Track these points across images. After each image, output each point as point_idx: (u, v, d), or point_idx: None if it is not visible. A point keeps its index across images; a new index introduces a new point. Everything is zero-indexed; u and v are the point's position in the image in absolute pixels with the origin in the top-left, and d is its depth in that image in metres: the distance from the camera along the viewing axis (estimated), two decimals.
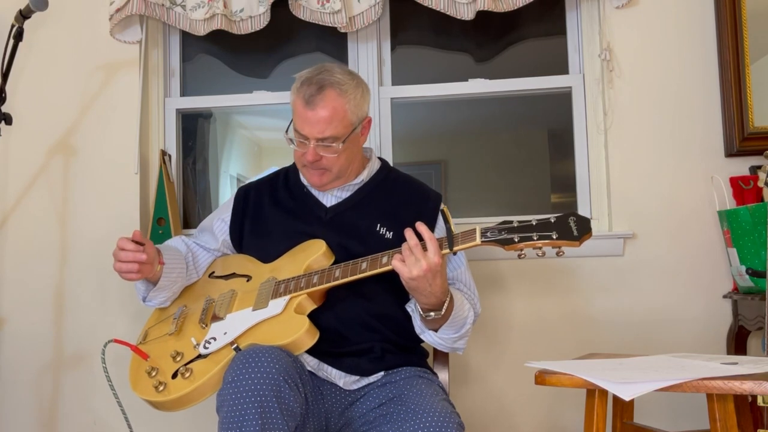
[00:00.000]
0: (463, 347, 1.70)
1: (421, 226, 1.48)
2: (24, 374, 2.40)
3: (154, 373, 1.63)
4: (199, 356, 1.60)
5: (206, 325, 1.67)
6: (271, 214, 1.80)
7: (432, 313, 1.55)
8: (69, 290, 2.41)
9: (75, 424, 2.38)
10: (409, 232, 1.48)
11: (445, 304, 1.54)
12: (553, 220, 1.44)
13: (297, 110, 1.66)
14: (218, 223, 1.87)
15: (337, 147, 1.65)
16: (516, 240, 1.44)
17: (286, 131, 1.72)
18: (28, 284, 2.41)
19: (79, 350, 2.39)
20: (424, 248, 1.46)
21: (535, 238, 1.43)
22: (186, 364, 1.60)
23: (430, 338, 1.65)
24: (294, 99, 1.68)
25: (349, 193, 1.77)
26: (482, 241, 1.45)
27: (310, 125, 1.63)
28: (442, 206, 1.53)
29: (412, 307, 1.67)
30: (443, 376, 1.86)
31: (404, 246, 1.48)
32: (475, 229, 1.47)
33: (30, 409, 2.39)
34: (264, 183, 1.89)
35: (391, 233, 1.69)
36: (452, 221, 1.50)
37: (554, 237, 1.42)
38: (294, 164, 1.82)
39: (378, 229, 1.70)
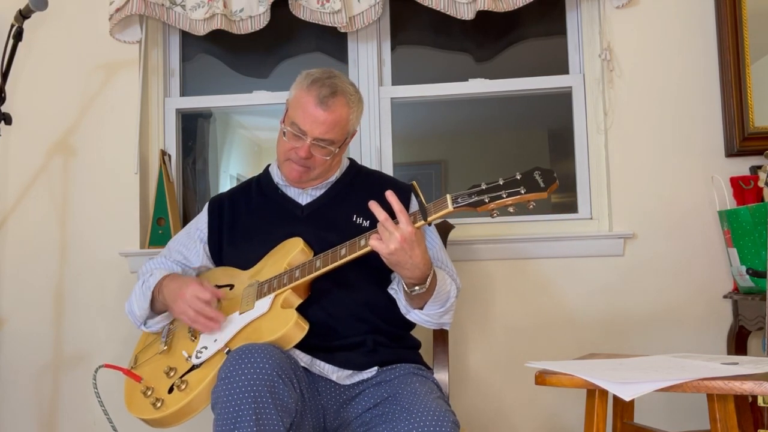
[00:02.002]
0: (450, 322, 1.72)
1: (391, 197, 1.50)
2: (24, 374, 2.40)
3: (149, 393, 1.63)
4: (193, 367, 1.61)
5: (195, 338, 1.67)
6: (248, 221, 1.82)
7: (417, 288, 1.56)
8: (69, 290, 2.41)
9: (75, 424, 2.38)
10: (374, 206, 1.49)
11: (429, 278, 1.55)
12: (519, 177, 1.46)
13: (304, 106, 1.68)
14: (196, 243, 1.86)
15: (333, 150, 1.71)
16: (487, 200, 1.45)
17: (282, 121, 1.75)
18: (28, 284, 2.41)
19: (79, 350, 2.39)
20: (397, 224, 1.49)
21: (504, 196, 1.44)
22: (181, 377, 1.60)
23: (416, 317, 1.67)
24: (301, 94, 1.70)
25: (322, 191, 1.81)
26: (454, 207, 1.46)
27: (316, 124, 1.67)
28: (412, 182, 1.54)
29: (395, 288, 1.69)
30: (443, 376, 1.86)
31: (378, 225, 1.50)
32: (446, 197, 1.48)
33: (30, 409, 2.39)
34: (237, 192, 1.91)
35: (368, 222, 1.73)
36: (422, 196, 1.51)
37: (523, 192, 1.44)
38: (264, 170, 1.90)
39: (354, 219, 1.74)
